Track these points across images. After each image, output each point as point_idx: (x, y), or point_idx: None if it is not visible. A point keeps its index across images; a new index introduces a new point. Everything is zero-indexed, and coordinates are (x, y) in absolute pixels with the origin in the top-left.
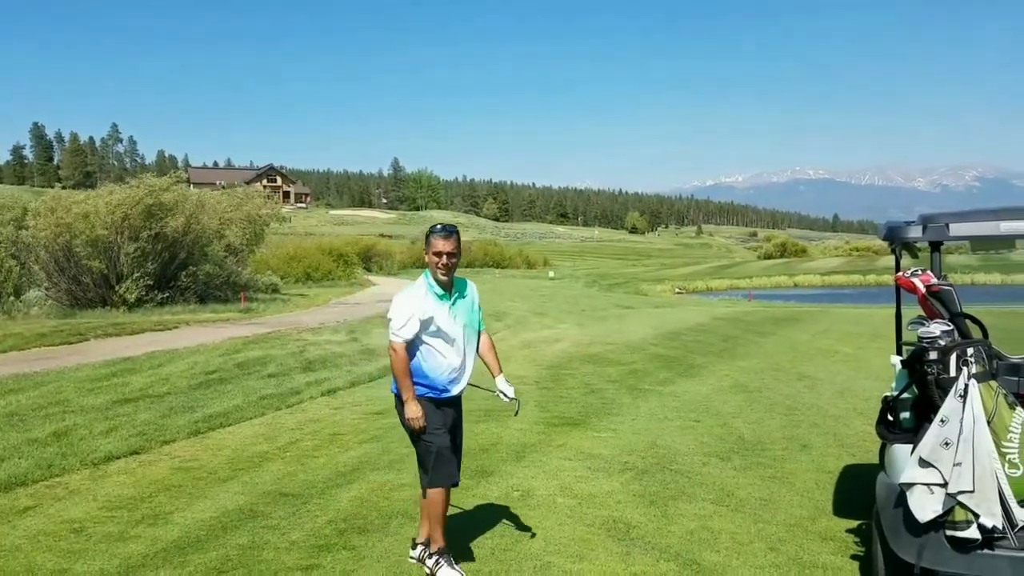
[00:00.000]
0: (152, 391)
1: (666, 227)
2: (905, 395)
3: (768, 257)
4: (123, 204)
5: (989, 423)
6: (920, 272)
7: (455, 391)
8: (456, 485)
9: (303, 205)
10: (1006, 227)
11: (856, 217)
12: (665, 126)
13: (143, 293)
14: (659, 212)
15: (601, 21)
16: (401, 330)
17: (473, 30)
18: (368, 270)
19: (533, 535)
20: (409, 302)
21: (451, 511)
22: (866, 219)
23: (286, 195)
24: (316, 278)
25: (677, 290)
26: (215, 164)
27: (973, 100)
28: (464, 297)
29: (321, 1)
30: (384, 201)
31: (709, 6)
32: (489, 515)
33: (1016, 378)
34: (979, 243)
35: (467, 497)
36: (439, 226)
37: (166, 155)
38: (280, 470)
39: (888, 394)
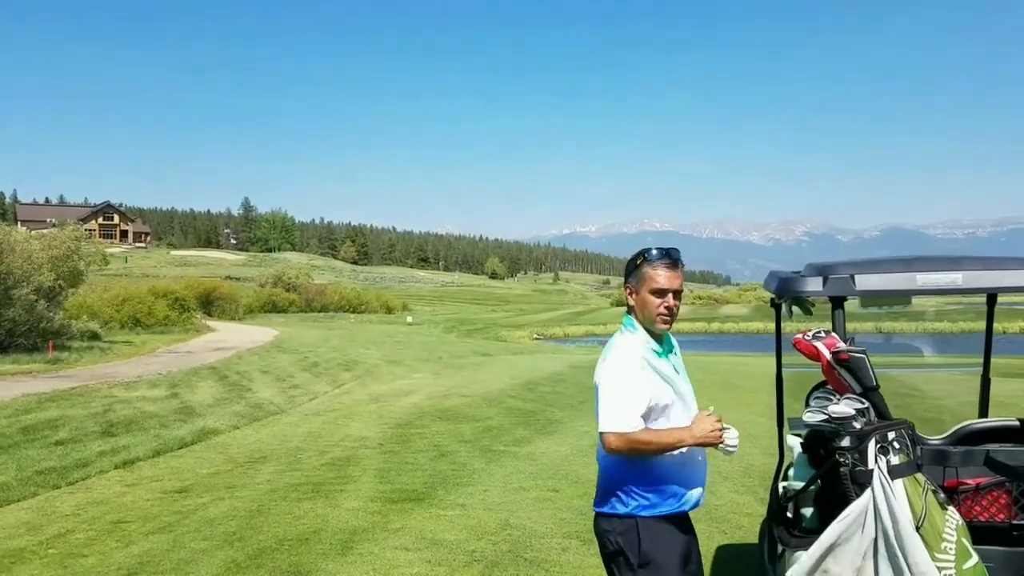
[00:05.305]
0: None
1: (525, 273)
2: (810, 487)
3: (621, 304)
4: None
5: (919, 529)
6: (824, 335)
7: (701, 492)
8: None
9: (142, 244)
10: (923, 280)
11: (698, 268)
12: (525, 175)
13: None
14: (518, 258)
15: (458, 70)
16: (622, 420)
17: (331, 72)
18: (209, 315)
19: None
20: (631, 375)
21: None
22: (707, 270)
23: (123, 234)
24: (146, 324)
25: (535, 336)
26: (47, 201)
27: (801, 158)
28: (676, 354)
29: (161, 33)
30: (233, 242)
31: (562, 65)
32: None
33: (941, 467)
34: (882, 297)
35: None
36: (656, 251)
37: None
38: None
39: (786, 484)
